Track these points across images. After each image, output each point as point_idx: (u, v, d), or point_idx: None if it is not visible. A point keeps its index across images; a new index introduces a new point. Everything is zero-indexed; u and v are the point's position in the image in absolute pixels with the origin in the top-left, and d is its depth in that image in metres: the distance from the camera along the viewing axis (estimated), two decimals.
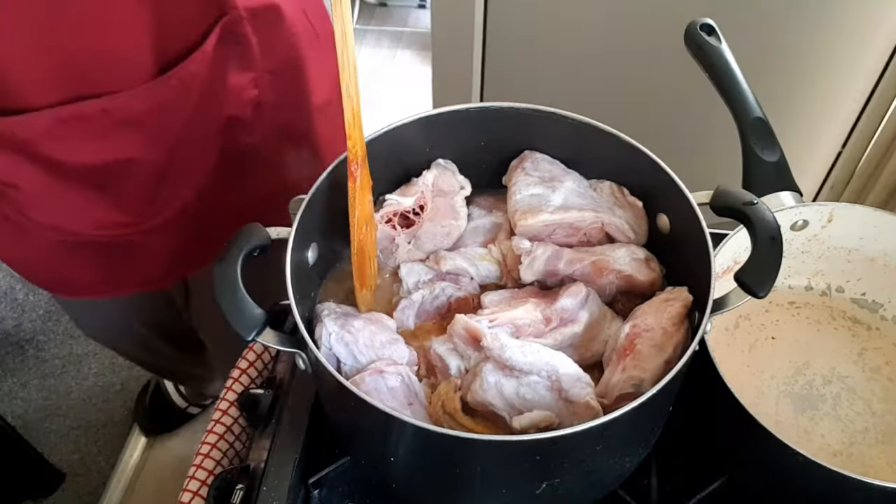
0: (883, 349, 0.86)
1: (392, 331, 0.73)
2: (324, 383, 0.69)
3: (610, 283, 0.75)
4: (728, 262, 0.81)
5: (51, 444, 1.82)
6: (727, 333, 0.87)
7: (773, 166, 0.85)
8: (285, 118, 0.97)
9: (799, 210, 0.84)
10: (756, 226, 0.65)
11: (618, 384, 0.66)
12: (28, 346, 2.00)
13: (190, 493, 0.80)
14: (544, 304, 0.72)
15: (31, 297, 2.08)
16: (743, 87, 0.85)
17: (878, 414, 0.81)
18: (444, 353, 0.70)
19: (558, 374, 0.65)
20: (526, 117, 0.78)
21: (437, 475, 0.68)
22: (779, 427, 0.76)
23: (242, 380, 0.88)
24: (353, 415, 0.67)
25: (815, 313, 0.90)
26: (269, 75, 0.90)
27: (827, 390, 0.82)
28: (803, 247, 0.88)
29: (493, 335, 0.66)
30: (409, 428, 0.59)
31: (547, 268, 0.75)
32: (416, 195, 0.79)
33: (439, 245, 0.79)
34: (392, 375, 0.67)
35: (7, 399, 1.90)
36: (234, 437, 0.85)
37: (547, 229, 0.77)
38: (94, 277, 1.01)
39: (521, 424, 0.64)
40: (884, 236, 0.85)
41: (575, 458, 0.63)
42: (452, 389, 0.68)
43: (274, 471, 0.75)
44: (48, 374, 1.94)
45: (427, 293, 0.76)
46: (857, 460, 0.77)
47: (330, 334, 0.68)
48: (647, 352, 0.67)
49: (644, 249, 0.77)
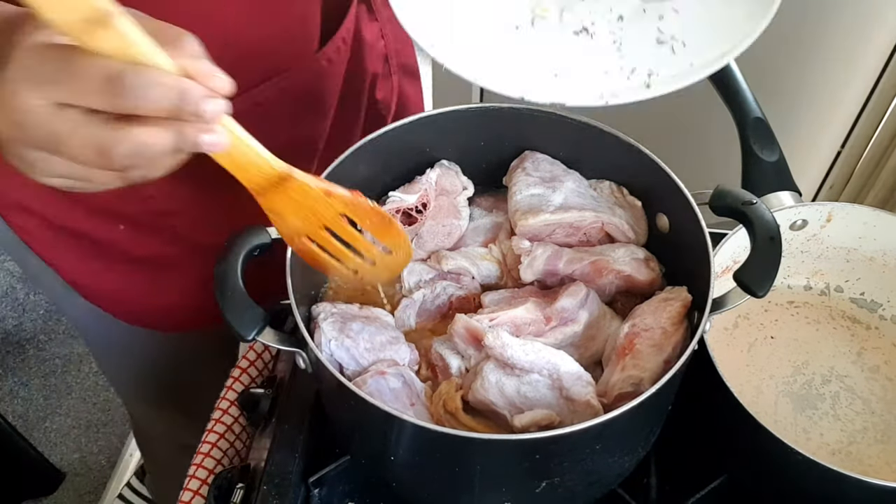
0: (882, 349, 0.86)
1: (392, 329, 0.73)
2: (324, 383, 0.69)
3: (609, 283, 0.75)
4: (727, 262, 0.82)
5: (51, 443, 1.82)
6: (726, 333, 0.87)
7: (772, 166, 0.85)
8: (404, 68, 0.97)
9: (798, 210, 0.84)
10: (755, 225, 0.66)
11: (617, 383, 0.67)
12: (29, 345, 2.00)
13: (190, 492, 0.80)
14: (544, 304, 0.72)
15: (32, 297, 2.08)
16: (742, 88, 0.85)
17: (877, 413, 0.81)
18: (445, 353, 0.70)
19: (559, 373, 0.65)
20: (526, 117, 0.78)
21: (438, 474, 0.68)
22: (778, 426, 0.77)
23: (243, 379, 0.88)
24: (354, 414, 0.67)
25: (815, 313, 0.90)
26: (389, 24, 0.90)
27: (826, 389, 0.83)
28: (802, 246, 0.89)
29: (494, 334, 0.66)
30: (411, 427, 0.60)
31: (547, 268, 0.75)
32: (419, 192, 0.79)
33: (441, 244, 0.79)
34: (394, 377, 0.67)
35: (8, 398, 1.90)
36: (234, 437, 0.86)
37: (547, 229, 0.77)
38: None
39: (522, 423, 0.64)
40: (883, 236, 0.85)
41: (575, 457, 0.64)
42: (453, 389, 0.68)
43: (274, 470, 0.75)
44: (49, 373, 1.95)
45: (428, 292, 0.76)
46: (856, 459, 0.78)
47: (330, 340, 0.68)
48: (646, 351, 0.67)
49: (644, 249, 0.77)
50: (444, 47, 0.65)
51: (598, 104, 0.62)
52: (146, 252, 0.89)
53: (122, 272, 0.91)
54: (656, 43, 0.66)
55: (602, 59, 0.65)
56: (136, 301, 0.96)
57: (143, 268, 0.91)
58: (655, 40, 0.66)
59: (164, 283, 0.94)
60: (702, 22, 0.66)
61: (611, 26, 0.67)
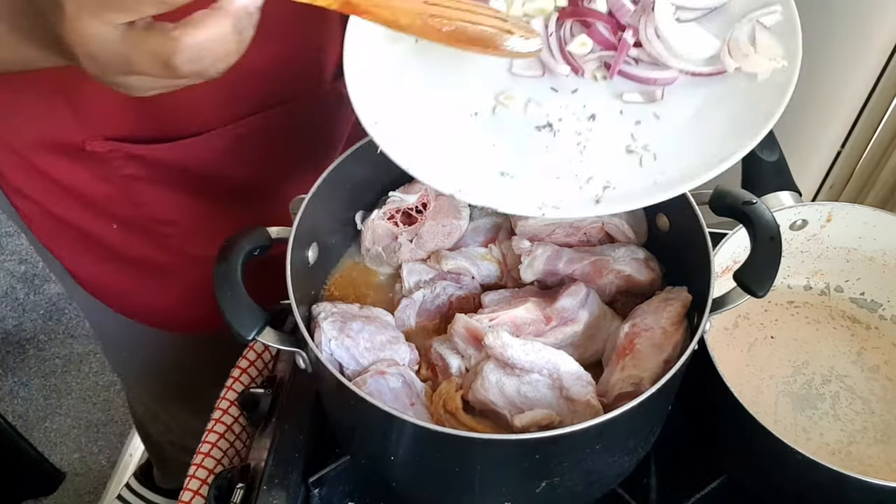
0: (882, 348, 0.86)
1: (392, 328, 0.73)
2: (324, 383, 0.69)
3: (609, 283, 0.75)
4: (727, 262, 0.82)
5: (51, 443, 1.82)
6: (726, 333, 0.87)
7: (772, 166, 0.85)
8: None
9: (798, 210, 0.84)
10: (755, 225, 0.66)
11: (617, 383, 0.67)
12: (29, 345, 2.00)
13: (191, 492, 0.80)
14: (544, 304, 0.72)
15: (32, 297, 2.08)
16: None
17: (877, 413, 0.81)
18: (445, 353, 0.70)
19: (559, 373, 0.65)
20: None
21: (438, 474, 0.68)
22: (778, 426, 0.77)
23: (243, 379, 0.88)
24: (354, 414, 0.67)
25: (814, 313, 0.90)
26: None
27: (826, 389, 0.83)
28: (802, 246, 0.89)
29: (494, 334, 0.66)
30: (411, 427, 0.60)
31: (547, 267, 0.75)
32: (419, 192, 0.79)
33: (441, 244, 0.79)
34: (394, 376, 0.67)
35: (8, 398, 1.90)
36: (234, 437, 0.86)
37: (547, 229, 0.77)
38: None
39: (522, 423, 0.64)
40: (883, 236, 0.85)
41: (574, 457, 0.64)
42: (453, 388, 0.68)
43: (274, 470, 0.75)
44: (49, 373, 1.95)
45: (428, 292, 0.76)
46: (856, 459, 0.78)
47: (330, 340, 0.68)
48: (646, 351, 0.67)
49: (644, 249, 0.77)
50: (386, 127, 0.58)
51: (534, 215, 0.56)
52: (137, 254, 0.90)
53: (115, 269, 0.92)
54: (625, 151, 0.58)
55: (559, 162, 0.58)
56: (133, 299, 0.97)
57: (134, 268, 0.92)
58: (625, 148, 0.58)
59: (157, 286, 0.94)
60: (683, 134, 0.58)
61: (579, 125, 0.60)
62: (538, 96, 0.61)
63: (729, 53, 0.59)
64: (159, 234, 0.87)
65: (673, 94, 0.60)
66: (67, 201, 0.83)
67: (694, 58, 0.60)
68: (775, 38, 0.59)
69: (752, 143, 0.55)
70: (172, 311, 0.97)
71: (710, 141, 0.57)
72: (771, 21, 0.60)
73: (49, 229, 0.87)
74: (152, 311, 0.98)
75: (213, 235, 0.83)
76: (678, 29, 0.60)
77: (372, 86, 0.60)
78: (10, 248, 2.17)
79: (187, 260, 0.89)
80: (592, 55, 0.61)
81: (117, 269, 0.91)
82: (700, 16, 0.62)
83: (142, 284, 0.94)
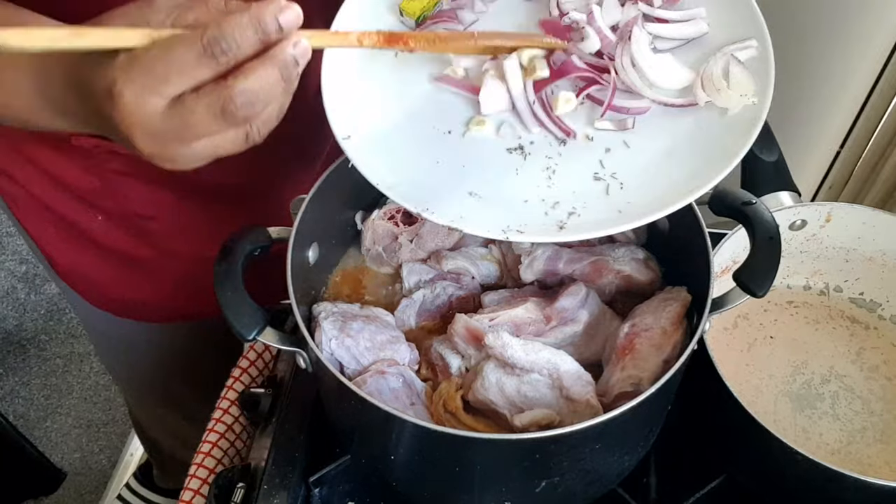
0: (881, 348, 0.86)
1: (392, 328, 0.73)
2: (325, 383, 0.69)
3: (609, 283, 0.75)
4: (727, 262, 0.82)
5: (52, 442, 1.83)
6: (726, 333, 0.88)
7: (771, 166, 0.85)
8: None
9: (797, 210, 0.84)
10: (755, 225, 0.66)
11: (617, 383, 0.67)
12: (30, 345, 2.00)
13: (191, 491, 0.80)
14: (544, 304, 0.73)
15: (33, 297, 2.08)
16: None
17: (877, 413, 0.81)
18: (445, 353, 0.71)
19: (559, 373, 0.66)
20: None
21: (438, 474, 0.68)
22: (777, 426, 0.77)
23: (243, 379, 0.89)
24: (354, 414, 0.67)
25: (814, 313, 0.90)
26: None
27: (825, 389, 0.83)
28: (802, 246, 0.89)
29: (494, 334, 0.67)
30: (411, 427, 0.60)
31: (547, 268, 0.75)
32: None
33: (441, 244, 0.80)
34: (394, 376, 0.67)
35: (9, 398, 1.90)
36: (234, 436, 0.86)
37: None
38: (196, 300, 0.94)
39: (522, 422, 0.64)
40: (882, 236, 0.85)
41: (574, 457, 0.64)
42: (453, 388, 0.68)
43: (275, 469, 0.76)
44: (50, 373, 1.95)
45: (428, 292, 0.77)
46: (855, 459, 0.78)
47: (330, 339, 0.68)
48: (645, 351, 0.67)
49: (643, 249, 0.77)
50: (358, 141, 0.59)
51: (497, 238, 0.55)
52: (118, 246, 0.91)
53: (95, 257, 0.93)
54: (592, 178, 0.58)
55: (527, 185, 0.58)
56: (107, 290, 0.98)
57: (114, 259, 0.93)
58: (592, 175, 0.58)
59: (136, 279, 0.95)
60: (650, 165, 0.58)
61: (550, 150, 0.60)
62: (512, 118, 0.62)
63: (702, 86, 0.59)
64: (142, 228, 0.88)
65: (644, 123, 0.61)
66: (53, 189, 0.85)
67: (667, 88, 0.61)
68: (748, 73, 0.59)
69: (718, 177, 0.56)
70: (147, 303, 0.99)
71: (677, 173, 0.57)
72: (746, 56, 0.60)
73: (31, 213, 0.89)
74: (124, 301, 0.99)
75: (195, 233, 0.85)
76: (654, 59, 0.60)
77: (348, 100, 0.61)
78: (10, 248, 2.17)
79: (167, 255, 0.91)
80: (579, 108, 0.62)
81: (97, 258, 0.93)
82: (676, 46, 0.62)
83: (118, 275, 0.95)
